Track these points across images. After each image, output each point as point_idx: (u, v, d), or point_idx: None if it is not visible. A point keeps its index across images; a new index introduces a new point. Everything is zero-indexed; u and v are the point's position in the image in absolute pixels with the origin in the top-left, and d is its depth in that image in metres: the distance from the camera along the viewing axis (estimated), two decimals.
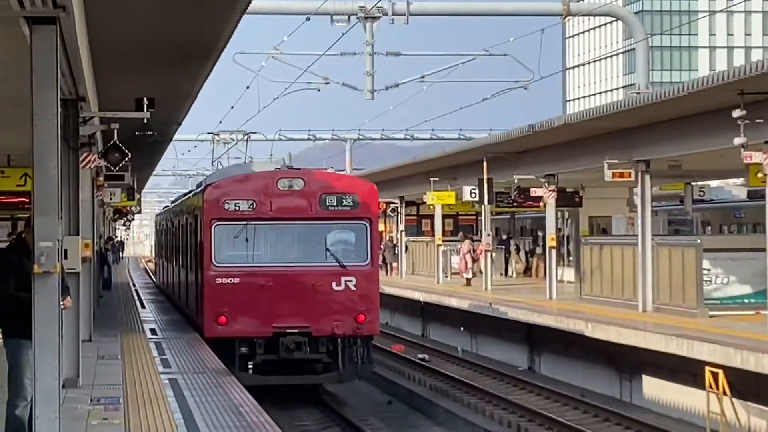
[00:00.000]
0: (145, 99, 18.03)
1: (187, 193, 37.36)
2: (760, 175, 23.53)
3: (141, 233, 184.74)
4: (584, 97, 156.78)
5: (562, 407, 25.55)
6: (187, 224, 29.89)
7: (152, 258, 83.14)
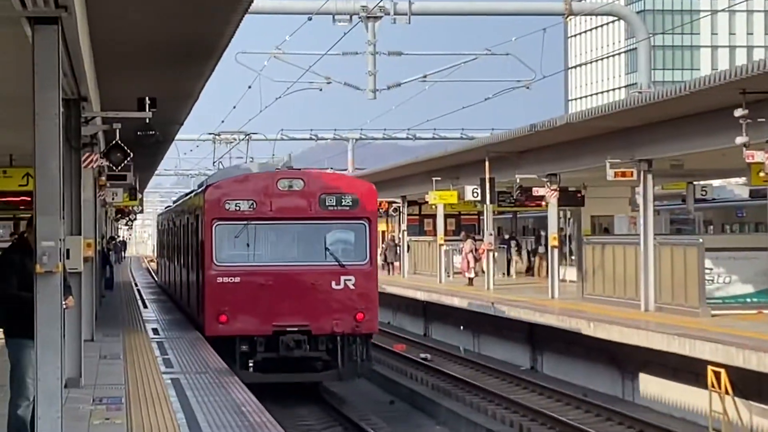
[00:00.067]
0: (147, 99, 18.03)
1: (189, 194, 37.51)
2: (762, 175, 23.53)
3: (143, 233, 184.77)
4: (586, 97, 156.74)
5: (565, 407, 25.54)
6: (189, 224, 30.10)
7: (154, 258, 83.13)
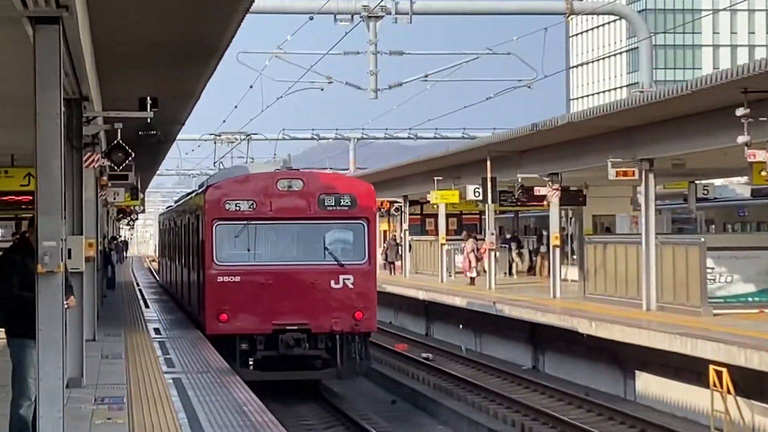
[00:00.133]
0: (149, 98, 18.02)
1: (190, 194, 37.72)
2: (764, 174, 23.54)
3: (145, 233, 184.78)
4: (588, 96, 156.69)
5: (567, 406, 25.53)
6: (189, 224, 30.32)
7: (156, 257, 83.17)
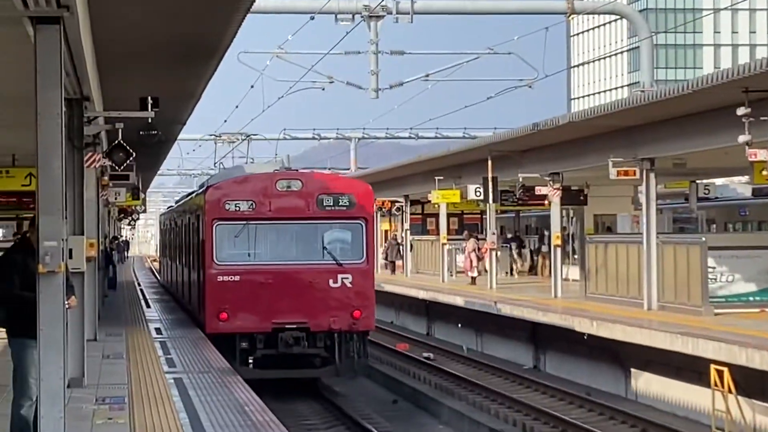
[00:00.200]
0: (150, 98, 18.04)
1: (190, 194, 37.93)
2: (765, 173, 23.57)
3: (146, 233, 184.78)
4: (589, 96, 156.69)
5: (568, 405, 25.53)
6: (190, 224, 30.60)
7: (157, 257, 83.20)
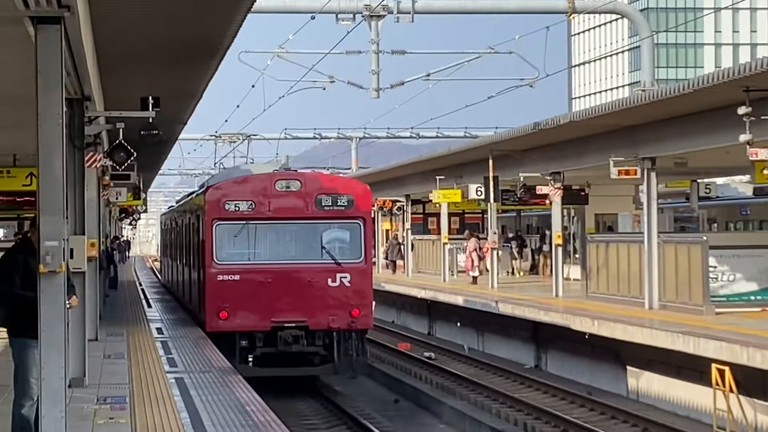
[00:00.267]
0: (150, 98, 18.04)
1: (190, 194, 38.13)
2: (766, 172, 23.54)
3: (147, 232, 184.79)
4: (590, 95, 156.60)
5: (569, 405, 25.53)
6: (190, 224, 30.95)
7: (158, 257, 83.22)
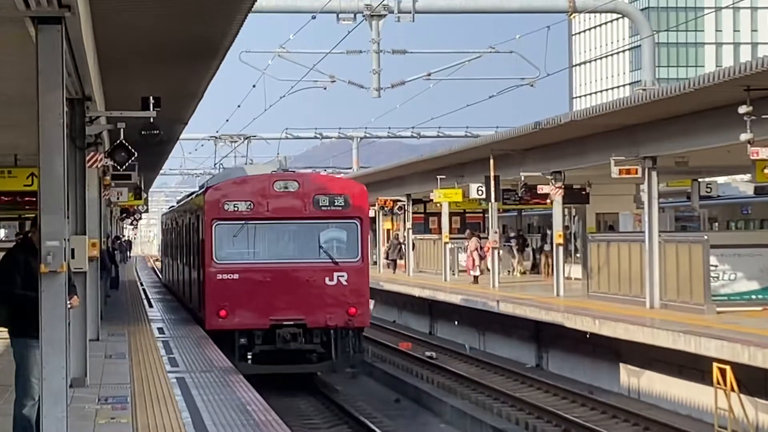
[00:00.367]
0: (151, 98, 18.06)
1: (190, 195, 38.42)
2: (767, 171, 23.51)
3: (149, 232, 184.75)
4: (590, 94, 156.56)
5: (570, 404, 25.54)
6: (190, 224, 31.30)
7: (159, 257, 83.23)
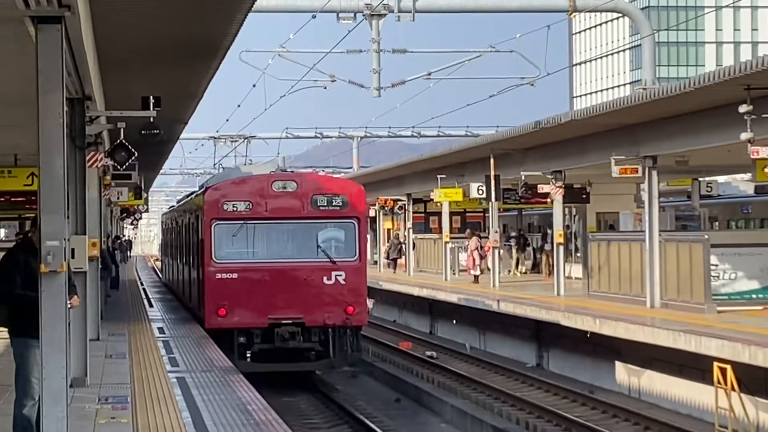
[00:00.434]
0: (152, 98, 18.06)
1: (190, 195, 38.58)
2: (767, 171, 23.50)
3: (149, 232, 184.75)
4: (591, 93, 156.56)
5: (571, 404, 25.54)
6: (190, 224, 31.48)
7: (159, 257, 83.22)
